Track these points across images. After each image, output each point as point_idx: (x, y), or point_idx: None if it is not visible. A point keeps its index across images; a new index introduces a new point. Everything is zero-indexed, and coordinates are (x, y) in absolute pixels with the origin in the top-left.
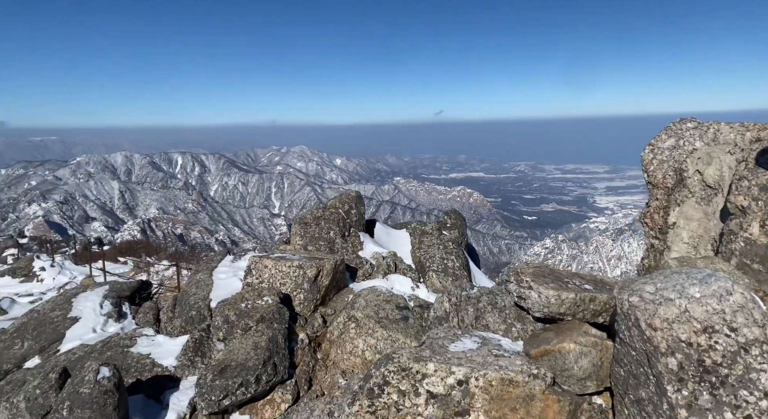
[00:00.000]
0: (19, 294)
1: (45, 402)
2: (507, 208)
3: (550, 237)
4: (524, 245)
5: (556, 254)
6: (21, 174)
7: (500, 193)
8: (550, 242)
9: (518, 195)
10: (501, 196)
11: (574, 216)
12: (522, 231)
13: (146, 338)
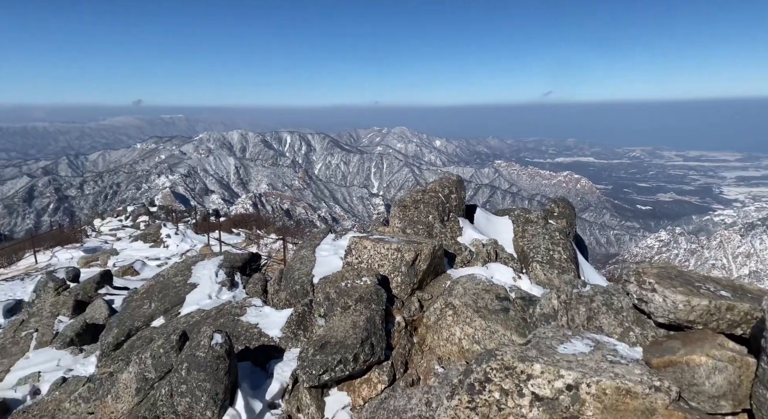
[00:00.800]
0: (148, 257)
1: (167, 360)
2: (618, 196)
3: (666, 229)
4: (635, 236)
5: (671, 248)
6: (153, 148)
7: (611, 180)
8: (666, 235)
9: (632, 182)
10: (612, 183)
11: (696, 208)
12: (634, 222)
13: (255, 308)
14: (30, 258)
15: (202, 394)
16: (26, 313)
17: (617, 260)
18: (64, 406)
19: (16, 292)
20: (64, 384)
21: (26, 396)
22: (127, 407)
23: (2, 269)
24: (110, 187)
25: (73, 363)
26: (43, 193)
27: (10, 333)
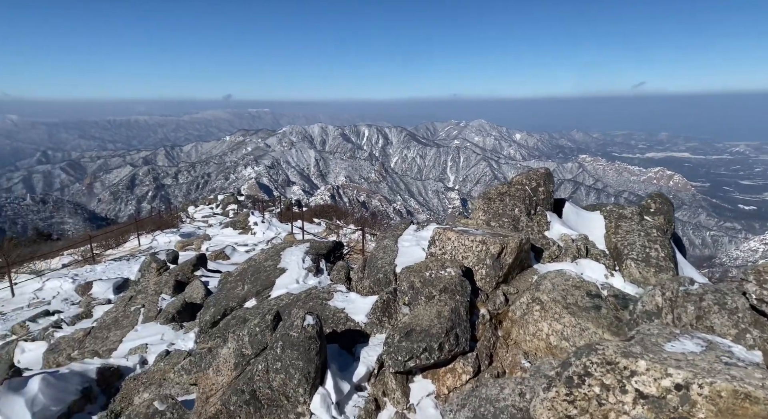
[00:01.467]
0: (237, 243)
1: (262, 338)
2: (717, 195)
3: None
4: (736, 238)
5: None
6: (240, 140)
7: (709, 177)
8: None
9: (733, 180)
10: (709, 181)
11: None
12: (735, 223)
13: (341, 294)
14: (134, 241)
15: (295, 372)
16: (133, 290)
17: (714, 263)
18: (169, 376)
19: (123, 271)
20: (167, 357)
21: (136, 365)
22: (226, 380)
23: (111, 250)
24: (202, 177)
25: (174, 337)
26: (143, 182)
27: (122, 308)
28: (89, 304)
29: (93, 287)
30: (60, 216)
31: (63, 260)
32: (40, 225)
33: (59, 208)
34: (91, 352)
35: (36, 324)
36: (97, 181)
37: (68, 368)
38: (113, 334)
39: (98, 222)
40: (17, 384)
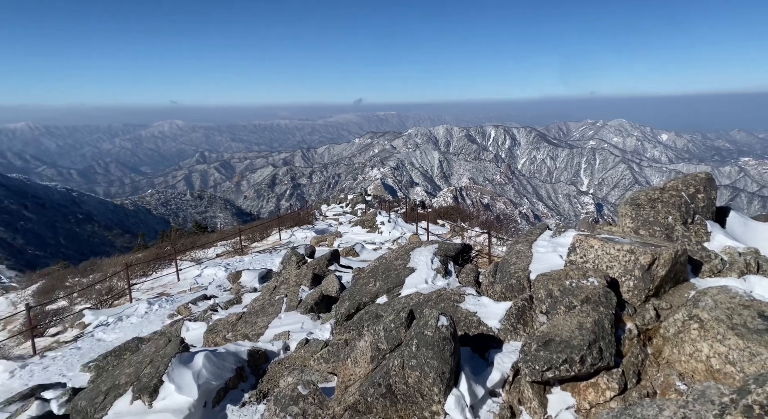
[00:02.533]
0: (366, 241)
1: (397, 335)
2: None
3: None
4: None
5: None
6: (368, 143)
7: None
8: None
9: None
10: None
11: None
12: None
13: (472, 297)
14: (275, 235)
15: (430, 371)
16: (276, 281)
17: None
18: (309, 363)
19: (267, 263)
20: (307, 345)
21: (280, 350)
22: (363, 372)
23: (256, 243)
24: (332, 177)
25: (313, 327)
26: (282, 181)
27: (267, 296)
28: (239, 291)
29: (242, 276)
30: (213, 210)
31: (217, 250)
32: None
33: (212, 203)
34: (242, 335)
35: (196, 306)
36: (243, 180)
37: (224, 348)
38: (260, 320)
39: (243, 217)
40: (186, 358)
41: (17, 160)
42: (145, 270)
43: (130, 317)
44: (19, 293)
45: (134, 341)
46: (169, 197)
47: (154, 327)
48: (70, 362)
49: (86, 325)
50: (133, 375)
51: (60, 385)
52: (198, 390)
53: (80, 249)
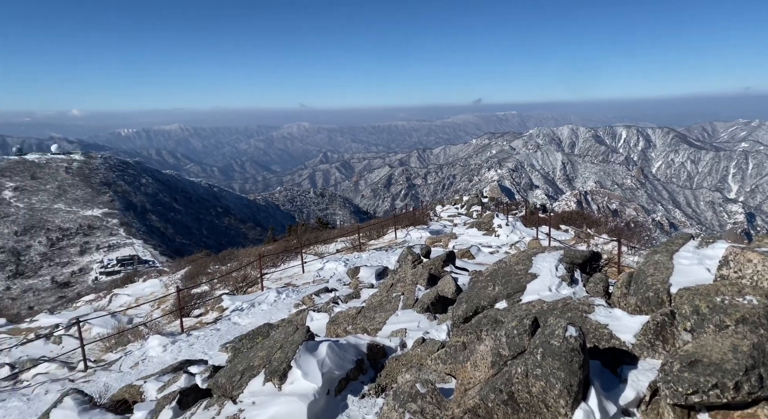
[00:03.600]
0: (482, 244)
1: (520, 342)
2: None
3: None
4: None
5: None
6: (485, 144)
7: None
8: None
9: None
10: None
11: None
12: None
13: (603, 308)
14: (391, 234)
15: (557, 382)
16: (392, 278)
17: None
18: (426, 362)
19: (383, 260)
20: (423, 344)
21: (397, 347)
22: (483, 376)
23: (373, 240)
24: (447, 178)
25: (429, 327)
26: (398, 181)
27: (384, 293)
28: (357, 286)
29: (360, 272)
30: (333, 208)
31: (337, 246)
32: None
33: (333, 201)
34: (361, 329)
35: (319, 298)
36: (361, 179)
37: (346, 340)
38: (378, 316)
39: (360, 215)
40: (312, 346)
41: (170, 157)
42: (274, 262)
43: (261, 304)
44: (170, 276)
45: (265, 327)
46: (294, 194)
47: (281, 314)
48: (210, 342)
49: (224, 309)
50: (265, 358)
51: (203, 362)
52: (322, 378)
53: (218, 239)
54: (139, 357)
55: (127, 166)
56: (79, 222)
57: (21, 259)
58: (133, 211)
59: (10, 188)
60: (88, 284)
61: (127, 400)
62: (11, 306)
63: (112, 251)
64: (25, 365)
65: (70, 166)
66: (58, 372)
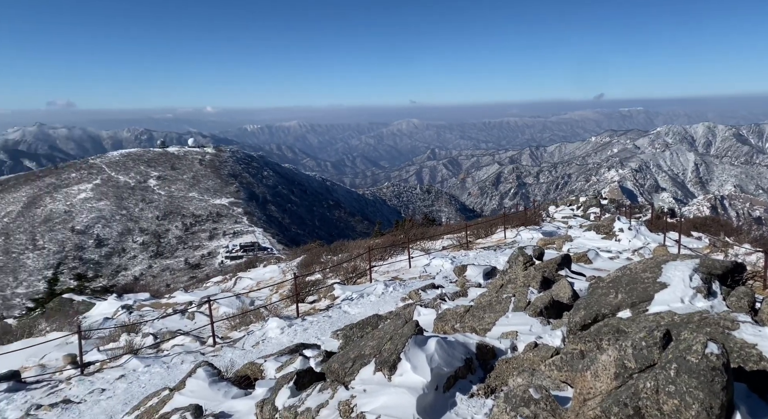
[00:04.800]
0: (600, 248)
1: (648, 355)
2: None
3: None
4: None
5: None
6: (606, 142)
7: None
8: None
9: None
10: None
11: None
12: None
13: (750, 326)
14: (500, 234)
15: (693, 402)
16: (501, 279)
17: None
18: (540, 367)
19: (491, 260)
20: (536, 348)
21: (507, 349)
22: (605, 387)
23: (480, 239)
24: (562, 178)
25: (541, 331)
26: (507, 179)
27: (494, 293)
28: (464, 285)
29: (467, 270)
30: (438, 205)
31: (443, 243)
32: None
33: (438, 197)
34: (470, 328)
35: (425, 293)
36: (468, 177)
37: (454, 337)
38: (487, 316)
39: (466, 213)
40: (421, 340)
41: (289, 152)
42: (382, 255)
43: (370, 295)
44: (287, 264)
45: (374, 317)
46: (401, 190)
47: (388, 307)
48: (322, 328)
49: (335, 298)
50: (376, 348)
51: (316, 346)
52: (431, 373)
53: (329, 230)
54: (260, 337)
55: (251, 160)
56: (209, 209)
57: (161, 241)
58: (255, 201)
59: (155, 177)
60: (215, 266)
61: (249, 376)
62: (152, 283)
63: (236, 237)
64: (165, 336)
65: (203, 158)
66: (191, 345)
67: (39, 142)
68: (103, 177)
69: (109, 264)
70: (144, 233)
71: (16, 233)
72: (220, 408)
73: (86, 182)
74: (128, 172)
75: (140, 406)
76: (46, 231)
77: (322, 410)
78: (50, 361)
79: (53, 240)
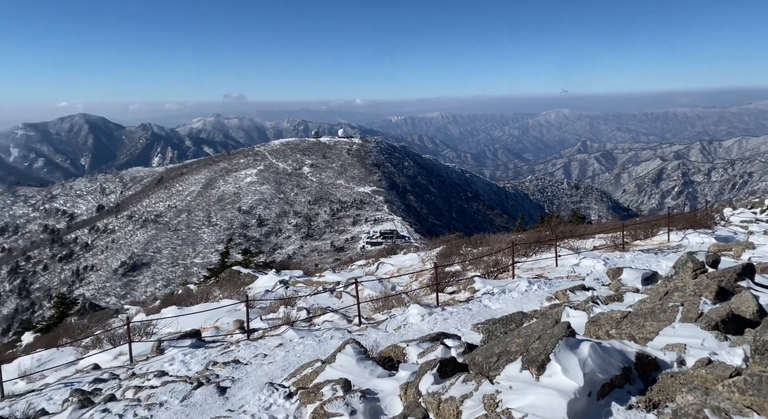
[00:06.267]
0: None
1: None
2: None
3: None
4: None
5: None
6: None
7: None
8: None
9: None
10: None
11: None
12: None
13: None
14: (662, 236)
15: None
16: (665, 285)
17: None
18: (716, 388)
19: (651, 264)
20: (710, 366)
21: (673, 362)
22: None
23: (639, 241)
24: (740, 176)
25: (717, 348)
26: (671, 176)
27: (657, 301)
28: (618, 289)
29: (623, 273)
30: (587, 201)
31: (594, 242)
32: (571, 207)
33: (588, 193)
34: (627, 335)
35: (574, 294)
36: (624, 172)
37: (609, 343)
38: (648, 324)
39: (620, 211)
40: (572, 343)
41: (430, 143)
42: (526, 251)
43: (512, 291)
44: (427, 253)
45: (518, 314)
46: (546, 184)
47: (532, 305)
48: (462, 319)
49: (475, 291)
50: (522, 346)
51: (456, 337)
52: (584, 377)
53: (466, 223)
54: (401, 321)
55: (393, 150)
56: (353, 196)
57: (311, 224)
58: (396, 191)
59: (308, 164)
60: (357, 251)
61: (392, 358)
62: (303, 262)
63: (377, 224)
64: (316, 312)
65: (351, 148)
66: (339, 322)
67: (216, 130)
68: (265, 163)
69: (267, 242)
70: (297, 216)
71: (195, 210)
72: (367, 386)
73: (252, 167)
74: (286, 160)
75: (296, 374)
76: (218, 209)
77: (467, 401)
78: (223, 325)
79: (224, 218)
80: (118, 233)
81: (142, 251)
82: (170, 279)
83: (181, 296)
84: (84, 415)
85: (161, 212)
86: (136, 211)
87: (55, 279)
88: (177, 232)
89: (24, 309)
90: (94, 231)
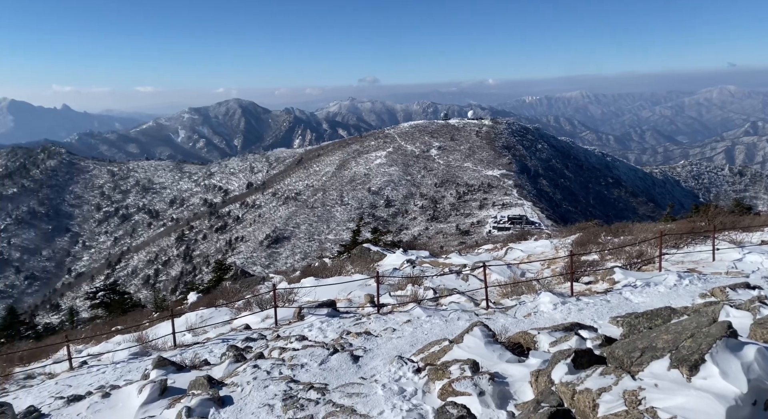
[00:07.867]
0: None
1: None
2: None
3: None
4: None
5: None
6: None
7: None
8: None
9: None
10: None
11: None
12: None
13: None
14: None
15: None
16: None
17: None
18: None
19: None
20: None
21: None
22: None
23: None
24: None
25: None
26: None
27: None
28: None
29: None
30: (754, 190)
31: (763, 236)
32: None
33: (756, 181)
34: None
35: (735, 293)
36: None
37: None
38: None
39: None
40: (734, 345)
41: (567, 124)
42: (676, 243)
43: (658, 285)
44: (561, 240)
45: (666, 310)
46: (702, 170)
47: (682, 301)
48: (599, 311)
49: (615, 282)
50: (671, 343)
51: (592, 328)
52: (747, 383)
53: (605, 210)
54: (531, 308)
55: (526, 132)
56: (481, 180)
57: (437, 206)
58: (527, 174)
59: (436, 147)
60: (483, 235)
61: (521, 345)
62: (428, 243)
63: (504, 209)
64: (442, 292)
65: (480, 130)
66: (466, 305)
67: (350, 114)
68: (394, 145)
69: (394, 222)
70: (423, 198)
71: (330, 190)
72: (495, 369)
73: (381, 150)
74: (414, 142)
75: (424, 350)
76: (350, 189)
77: (604, 394)
78: (355, 298)
79: (354, 198)
80: (263, 208)
81: (283, 226)
82: (307, 253)
83: (317, 268)
84: (238, 369)
85: (300, 190)
86: (279, 189)
87: (212, 248)
88: (313, 209)
89: (187, 273)
90: (244, 206)
